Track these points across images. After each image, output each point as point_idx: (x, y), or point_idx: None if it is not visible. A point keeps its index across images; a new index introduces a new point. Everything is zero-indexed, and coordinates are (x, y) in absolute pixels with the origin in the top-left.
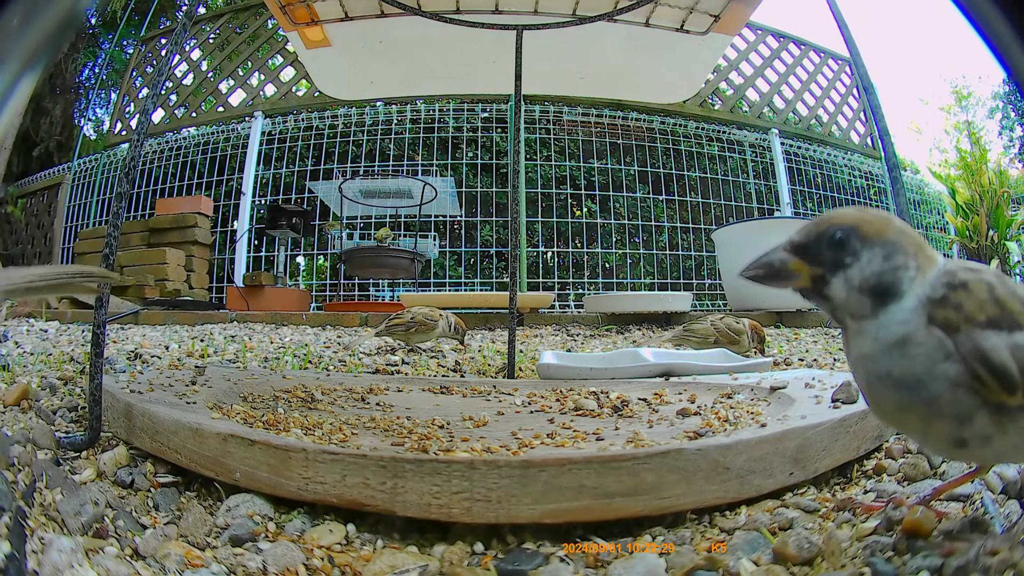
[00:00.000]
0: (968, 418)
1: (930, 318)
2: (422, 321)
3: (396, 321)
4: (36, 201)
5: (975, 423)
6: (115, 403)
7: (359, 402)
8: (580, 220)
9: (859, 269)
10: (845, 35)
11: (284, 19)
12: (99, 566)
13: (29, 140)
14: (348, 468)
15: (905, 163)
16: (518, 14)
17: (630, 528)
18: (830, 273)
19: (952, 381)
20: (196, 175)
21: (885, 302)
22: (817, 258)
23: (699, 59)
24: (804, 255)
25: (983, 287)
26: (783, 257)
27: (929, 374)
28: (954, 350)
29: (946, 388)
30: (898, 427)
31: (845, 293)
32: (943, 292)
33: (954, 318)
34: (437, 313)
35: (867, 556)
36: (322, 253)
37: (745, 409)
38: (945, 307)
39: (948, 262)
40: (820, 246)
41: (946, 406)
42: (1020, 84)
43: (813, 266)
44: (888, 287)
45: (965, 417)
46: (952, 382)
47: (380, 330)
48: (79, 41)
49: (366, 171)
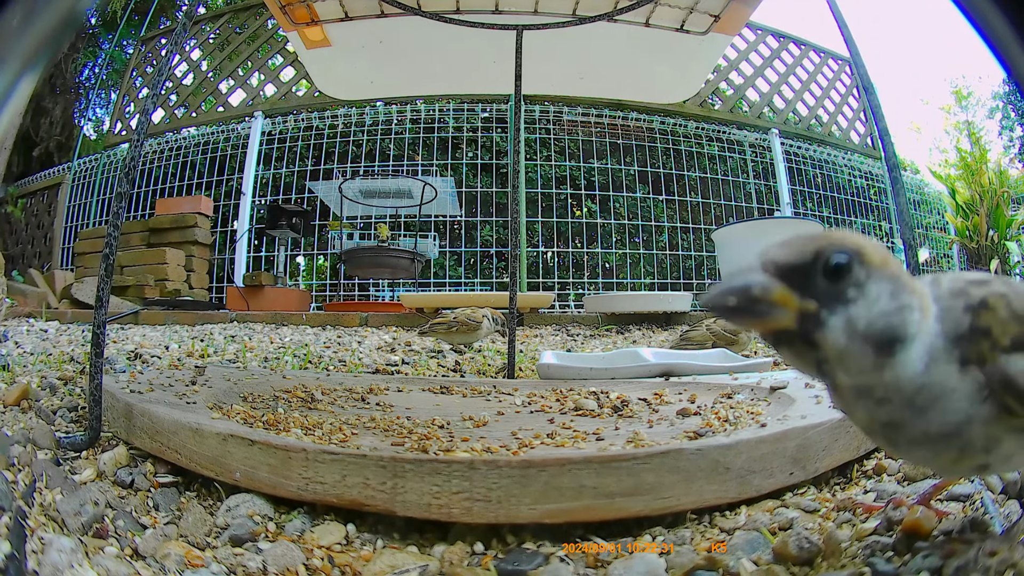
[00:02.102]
0: (997, 446)
1: (963, 359)
2: (464, 322)
3: (438, 321)
4: (36, 201)
5: (1002, 448)
6: (115, 403)
7: (359, 402)
8: (580, 220)
9: (866, 307)
10: (845, 35)
11: (284, 19)
12: (99, 566)
13: (29, 140)
14: (348, 468)
15: (905, 163)
16: (518, 14)
17: (630, 528)
18: (828, 310)
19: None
20: (196, 175)
21: (890, 352)
22: (810, 289)
23: (699, 59)
24: (792, 283)
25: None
26: (764, 284)
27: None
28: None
29: (982, 427)
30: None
31: (845, 339)
32: (969, 322)
33: (987, 350)
34: (480, 314)
35: (867, 556)
36: (322, 253)
37: (745, 409)
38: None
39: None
40: (815, 273)
41: (978, 442)
42: (1020, 84)
43: (804, 299)
44: (895, 333)
45: (994, 446)
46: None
47: (424, 329)
48: (79, 41)
49: (366, 171)
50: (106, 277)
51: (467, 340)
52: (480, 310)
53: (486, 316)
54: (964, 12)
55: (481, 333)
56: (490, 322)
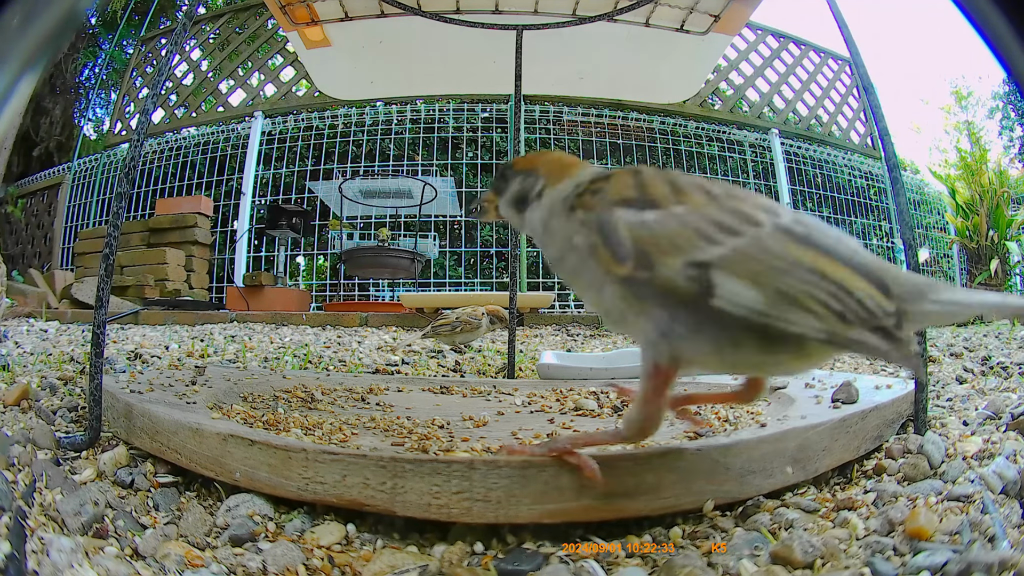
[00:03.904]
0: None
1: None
2: (467, 321)
3: (442, 323)
4: (36, 201)
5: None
6: (115, 403)
7: (359, 402)
8: None
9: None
10: (845, 35)
11: (284, 19)
12: (99, 566)
13: (29, 140)
14: (348, 468)
15: (905, 163)
16: (518, 14)
17: (630, 528)
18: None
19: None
20: (196, 175)
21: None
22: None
23: (699, 59)
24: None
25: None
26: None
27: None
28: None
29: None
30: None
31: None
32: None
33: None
34: (479, 312)
35: (867, 556)
36: (322, 253)
37: (745, 409)
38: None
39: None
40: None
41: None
42: (1020, 84)
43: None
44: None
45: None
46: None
47: (427, 332)
48: (79, 41)
49: (366, 171)
50: (106, 277)
51: (468, 339)
52: (479, 309)
53: (484, 314)
54: (964, 12)
55: (481, 331)
56: (488, 320)
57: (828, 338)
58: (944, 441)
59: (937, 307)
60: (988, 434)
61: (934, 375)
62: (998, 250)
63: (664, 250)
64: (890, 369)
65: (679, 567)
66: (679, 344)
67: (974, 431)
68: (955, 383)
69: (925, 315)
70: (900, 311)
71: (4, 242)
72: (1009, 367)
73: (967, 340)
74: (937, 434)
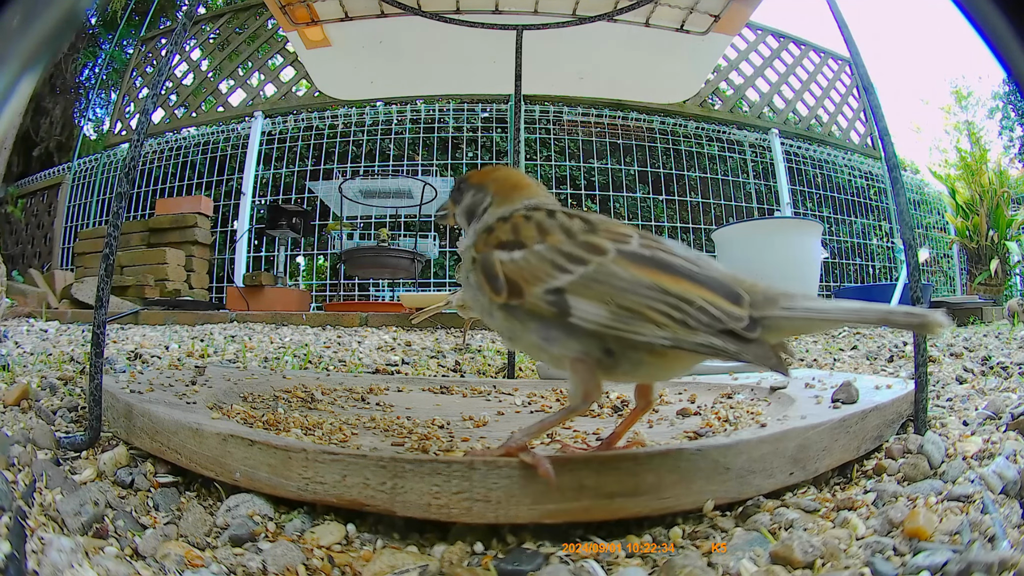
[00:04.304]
0: (491, 312)
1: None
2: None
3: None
4: (36, 201)
5: (496, 318)
6: (115, 403)
7: (359, 402)
8: None
9: (463, 202)
10: (845, 35)
11: (284, 19)
12: (99, 566)
13: (29, 140)
14: (348, 468)
15: (905, 163)
16: (518, 14)
17: (630, 528)
18: (456, 206)
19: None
20: (196, 175)
21: (470, 220)
22: (453, 199)
23: (699, 59)
24: (452, 198)
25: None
26: (446, 203)
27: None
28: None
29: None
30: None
31: (459, 216)
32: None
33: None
34: None
35: (867, 556)
36: (322, 253)
37: (745, 409)
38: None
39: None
40: (455, 191)
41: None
42: (1020, 84)
43: (453, 204)
44: (471, 213)
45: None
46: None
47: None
48: (79, 41)
49: (366, 171)
50: (106, 277)
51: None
52: None
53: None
54: (964, 12)
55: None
56: None
57: (674, 343)
58: (944, 441)
59: (788, 313)
60: (988, 434)
61: (934, 375)
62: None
63: (528, 280)
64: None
65: (679, 567)
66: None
67: (974, 431)
68: (955, 383)
69: (780, 321)
70: (755, 317)
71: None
72: (1009, 367)
73: (967, 340)
74: (937, 434)
